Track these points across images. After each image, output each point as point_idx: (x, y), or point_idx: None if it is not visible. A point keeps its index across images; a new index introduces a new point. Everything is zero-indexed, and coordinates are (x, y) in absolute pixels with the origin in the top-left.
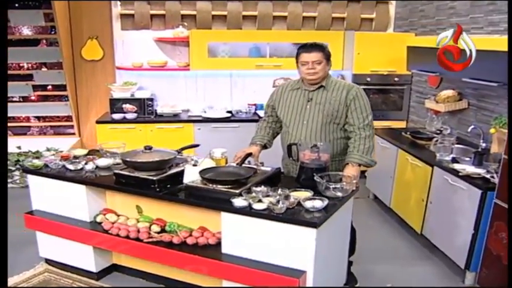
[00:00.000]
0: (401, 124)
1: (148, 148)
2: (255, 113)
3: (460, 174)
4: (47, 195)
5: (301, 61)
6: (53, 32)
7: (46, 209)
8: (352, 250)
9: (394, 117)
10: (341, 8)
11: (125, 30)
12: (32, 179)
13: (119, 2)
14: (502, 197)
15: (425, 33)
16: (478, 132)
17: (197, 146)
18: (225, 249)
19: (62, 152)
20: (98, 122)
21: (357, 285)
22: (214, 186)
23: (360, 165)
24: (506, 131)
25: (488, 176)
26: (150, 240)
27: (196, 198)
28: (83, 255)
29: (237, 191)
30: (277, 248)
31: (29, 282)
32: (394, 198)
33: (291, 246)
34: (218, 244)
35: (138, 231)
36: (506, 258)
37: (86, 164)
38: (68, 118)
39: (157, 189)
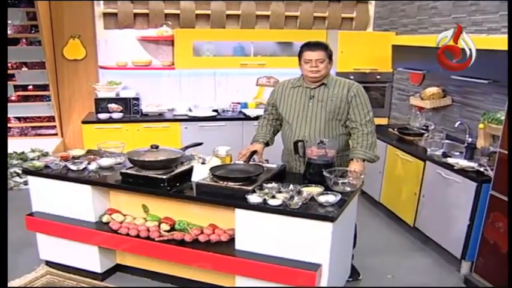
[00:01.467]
0: (383, 121)
1: (155, 147)
2: (241, 112)
3: (455, 168)
4: (48, 196)
5: (305, 59)
6: (33, 32)
7: (47, 211)
8: (353, 244)
9: (377, 114)
10: (322, 7)
11: (107, 29)
12: (32, 180)
13: (101, 2)
14: (498, 189)
15: (406, 32)
16: (463, 127)
17: (200, 144)
18: (238, 245)
19: (46, 153)
20: (83, 122)
21: (360, 278)
22: (226, 183)
23: (364, 160)
24: (494, 126)
25: (481, 169)
26: (162, 238)
27: (208, 195)
28: (87, 256)
29: (250, 188)
30: (292, 242)
31: (31, 285)
32: (384, 193)
33: (306, 240)
34: (230, 241)
35: (148, 230)
36: (503, 246)
37: (88, 164)
38: (50, 119)
39: (168, 188)
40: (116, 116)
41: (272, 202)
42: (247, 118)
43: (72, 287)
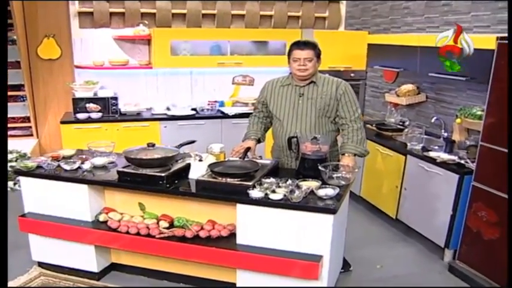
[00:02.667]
0: None
1: (152, 145)
2: (219, 110)
3: (438, 161)
4: (42, 196)
5: (293, 57)
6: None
7: (41, 211)
8: None
9: None
10: (296, 7)
11: (83, 28)
12: (24, 181)
13: (76, 1)
14: (480, 180)
15: (379, 31)
16: (439, 123)
17: (194, 142)
18: (240, 239)
19: (24, 154)
20: (62, 122)
21: (351, 269)
22: (225, 180)
23: (355, 155)
24: (471, 120)
25: (462, 161)
26: (162, 235)
27: (208, 192)
28: (83, 256)
29: (250, 183)
30: (293, 235)
31: (26, 286)
32: (365, 187)
33: (307, 232)
34: (230, 236)
35: (148, 227)
36: (486, 234)
37: (82, 163)
38: (24, 119)
39: (167, 185)
40: (94, 115)
41: (273, 196)
42: (225, 116)
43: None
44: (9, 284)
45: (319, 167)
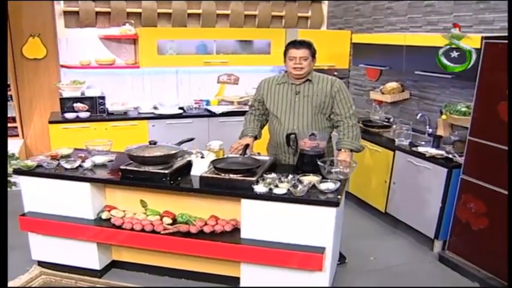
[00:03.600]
0: None
1: (153, 143)
2: (206, 109)
3: (427, 155)
4: (42, 196)
5: (289, 56)
6: None
7: (41, 210)
8: None
9: None
10: (279, 7)
11: (68, 28)
12: (24, 181)
13: (62, 0)
14: (469, 173)
15: (361, 31)
16: (423, 119)
17: (192, 139)
18: (244, 234)
19: (13, 154)
20: (50, 122)
21: (346, 261)
22: (229, 175)
23: (351, 150)
24: (456, 116)
25: (450, 156)
26: (167, 231)
27: (212, 187)
28: (85, 254)
29: (254, 179)
30: (297, 228)
31: (28, 285)
32: (353, 182)
33: (311, 225)
34: (234, 230)
35: (152, 224)
36: (475, 224)
37: (83, 162)
38: (9, 120)
39: (171, 182)
40: (82, 115)
41: (277, 191)
42: (212, 115)
43: (71, 287)
44: (10, 283)
45: (318, 162)
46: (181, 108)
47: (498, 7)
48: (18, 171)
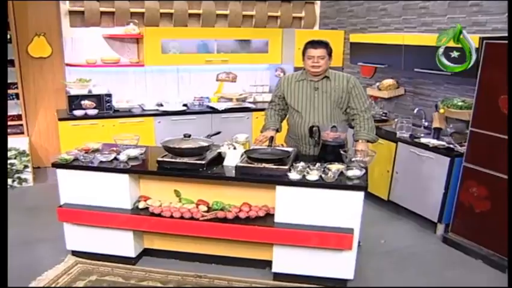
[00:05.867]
0: None
1: (188, 136)
2: (208, 106)
3: (430, 146)
4: (79, 188)
5: (308, 55)
6: None
7: (77, 202)
8: None
9: None
10: (275, 7)
11: (73, 27)
12: (61, 174)
13: (67, 0)
14: (471, 161)
15: (355, 31)
16: (420, 113)
17: (219, 133)
18: (278, 218)
19: (24, 151)
20: (60, 119)
21: (361, 244)
22: (263, 165)
23: (367, 141)
24: (453, 110)
25: (451, 146)
26: (206, 217)
27: (248, 176)
28: (121, 242)
29: (287, 167)
30: (327, 211)
31: (68, 273)
32: None
33: (340, 209)
34: (266, 215)
35: (190, 211)
36: (477, 207)
37: (118, 154)
38: (14, 117)
39: (209, 172)
40: (91, 112)
41: (310, 178)
42: (215, 111)
43: (113, 280)
44: (48, 272)
45: (341, 152)
46: (184, 105)
47: (490, 10)
48: (57, 165)
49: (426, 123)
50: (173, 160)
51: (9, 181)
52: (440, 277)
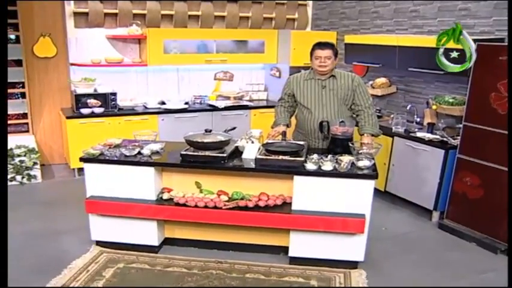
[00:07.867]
0: None
1: (209, 131)
2: (208, 104)
3: (426, 139)
4: (105, 180)
5: (315, 56)
6: None
7: (103, 194)
8: None
9: None
10: (270, 9)
11: (78, 28)
12: (88, 168)
13: (72, 1)
14: (464, 152)
15: (348, 32)
16: (412, 110)
17: (235, 128)
18: (295, 206)
19: (33, 148)
20: (68, 118)
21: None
22: (281, 157)
23: (372, 135)
24: (445, 106)
25: (445, 139)
26: (228, 206)
27: (267, 167)
28: (145, 232)
29: (303, 159)
30: (340, 199)
31: (96, 262)
32: None
33: (352, 196)
34: (283, 204)
35: (212, 201)
36: (470, 195)
37: (142, 149)
38: (19, 116)
39: (230, 164)
40: (97, 110)
41: (325, 168)
42: (215, 109)
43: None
44: (77, 261)
45: (350, 144)
46: (186, 103)
47: (478, 14)
48: (84, 159)
49: (418, 119)
50: (196, 154)
51: (19, 178)
52: (442, 258)
